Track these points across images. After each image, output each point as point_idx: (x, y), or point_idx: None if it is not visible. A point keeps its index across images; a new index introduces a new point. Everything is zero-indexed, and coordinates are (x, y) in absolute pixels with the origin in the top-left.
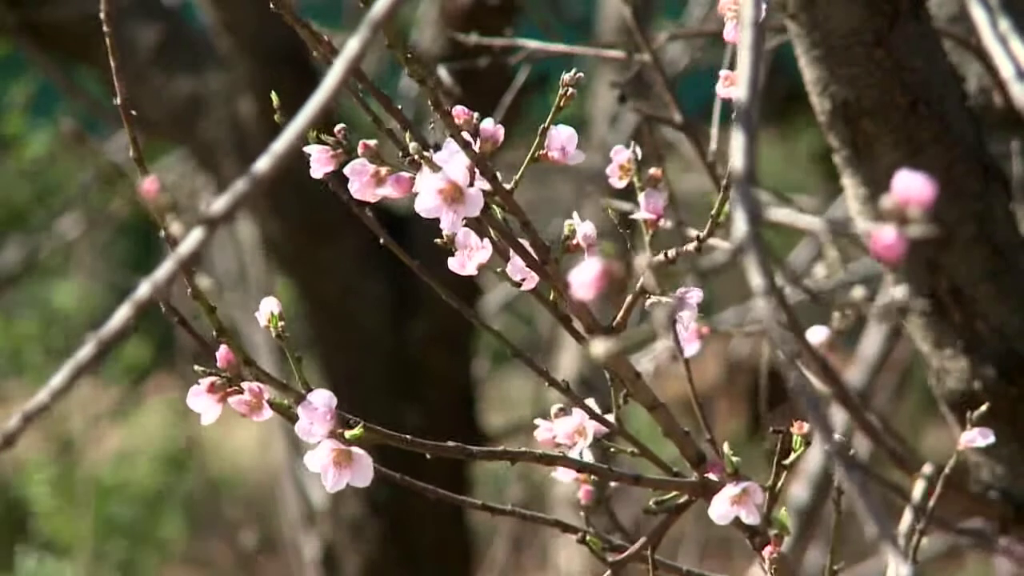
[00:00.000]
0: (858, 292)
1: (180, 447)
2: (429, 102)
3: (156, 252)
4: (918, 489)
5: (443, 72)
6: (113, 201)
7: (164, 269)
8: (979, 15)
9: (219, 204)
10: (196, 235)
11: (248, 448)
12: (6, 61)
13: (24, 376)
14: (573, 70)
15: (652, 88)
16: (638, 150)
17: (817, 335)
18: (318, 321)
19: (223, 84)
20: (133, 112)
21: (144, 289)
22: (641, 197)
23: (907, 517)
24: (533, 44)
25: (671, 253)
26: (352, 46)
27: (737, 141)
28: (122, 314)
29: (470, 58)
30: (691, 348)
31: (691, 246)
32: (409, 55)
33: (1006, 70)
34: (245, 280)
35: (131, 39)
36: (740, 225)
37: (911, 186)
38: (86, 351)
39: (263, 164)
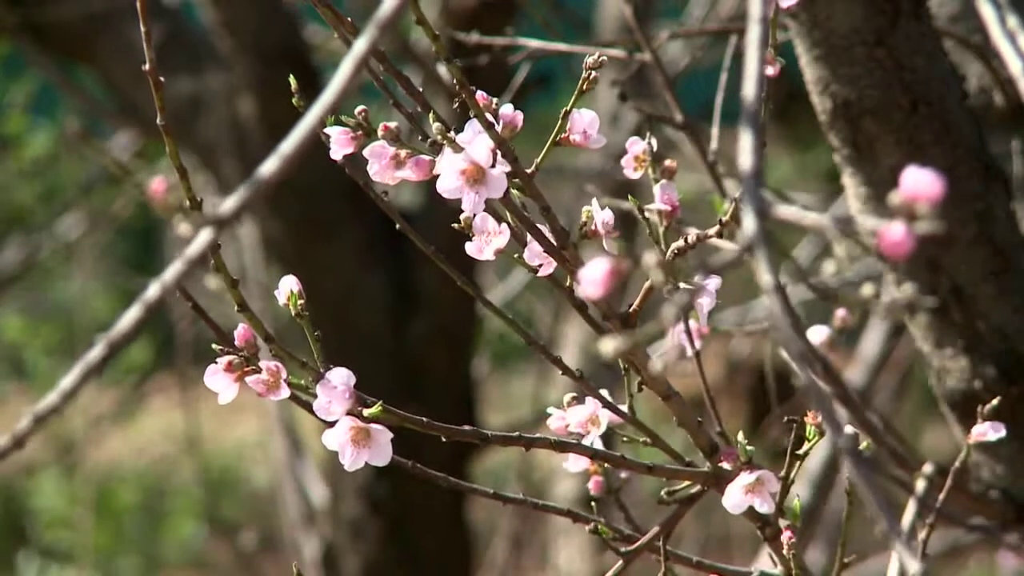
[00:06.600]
0: (867, 289)
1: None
2: (454, 83)
3: (156, 253)
4: (920, 487)
5: (443, 70)
6: (115, 201)
7: (173, 269)
8: (987, 12)
9: (227, 205)
10: (205, 236)
11: (248, 448)
12: (6, 61)
13: (23, 379)
14: (596, 54)
15: (652, 87)
16: (653, 141)
17: (818, 335)
18: (317, 320)
19: (223, 84)
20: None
21: (154, 290)
22: (656, 188)
23: (909, 514)
24: (534, 43)
25: (681, 245)
26: (359, 45)
27: (744, 139)
28: (132, 315)
29: (471, 57)
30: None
31: (708, 233)
32: (436, 34)
33: (1014, 66)
34: (245, 280)
35: (131, 39)
36: (748, 222)
37: (919, 182)
38: (96, 352)
39: (271, 165)
